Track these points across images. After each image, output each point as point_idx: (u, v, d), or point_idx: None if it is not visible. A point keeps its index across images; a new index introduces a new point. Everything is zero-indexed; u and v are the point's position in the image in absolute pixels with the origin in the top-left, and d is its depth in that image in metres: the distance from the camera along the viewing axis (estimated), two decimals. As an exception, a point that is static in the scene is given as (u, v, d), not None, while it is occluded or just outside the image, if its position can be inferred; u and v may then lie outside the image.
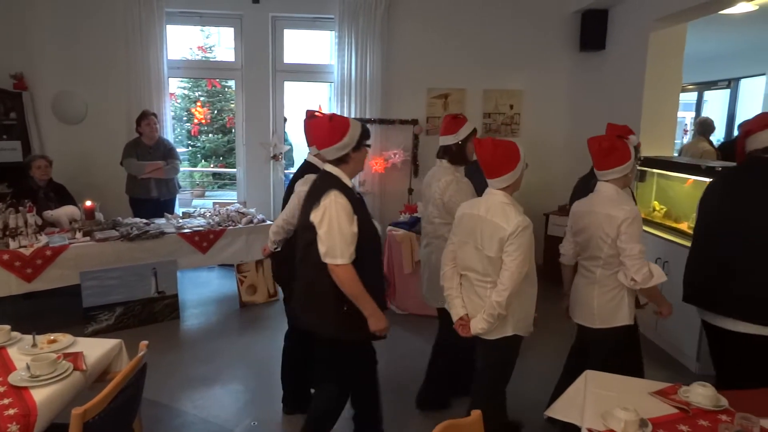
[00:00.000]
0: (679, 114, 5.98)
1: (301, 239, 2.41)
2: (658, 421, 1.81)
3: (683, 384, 2.06)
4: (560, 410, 2.20)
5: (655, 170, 4.52)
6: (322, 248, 2.24)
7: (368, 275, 2.30)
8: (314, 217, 2.24)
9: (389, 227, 4.89)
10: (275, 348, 4.08)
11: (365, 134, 2.37)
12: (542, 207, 5.71)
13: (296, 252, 2.46)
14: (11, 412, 1.77)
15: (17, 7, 5.43)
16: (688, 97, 9.73)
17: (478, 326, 2.35)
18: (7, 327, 2.35)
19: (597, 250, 2.50)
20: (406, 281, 4.68)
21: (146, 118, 5.02)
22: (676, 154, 6.03)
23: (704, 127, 5.99)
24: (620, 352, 2.61)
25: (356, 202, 2.32)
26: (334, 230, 2.21)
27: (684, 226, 4.10)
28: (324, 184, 2.31)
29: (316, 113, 2.58)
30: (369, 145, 2.42)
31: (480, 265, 2.35)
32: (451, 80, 5.91)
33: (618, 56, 5.38)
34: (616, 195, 2.51)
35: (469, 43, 5.84)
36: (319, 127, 2.31)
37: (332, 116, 2.32)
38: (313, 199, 2.30)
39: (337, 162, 2.32)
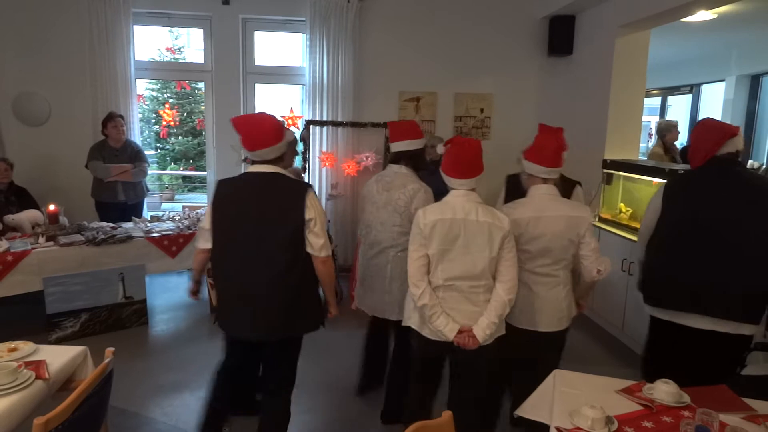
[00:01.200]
0: (644, 118, 6.15)
1: (260, 248, 2.34)
2: (624, 418, 1.86)
3: (647, 382, 2.12)
4: (530, 409, 2.23)
5: (621, 173, 4.64)
6: (318, 243, 2.36)
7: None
8: (308, 214, 2.32)
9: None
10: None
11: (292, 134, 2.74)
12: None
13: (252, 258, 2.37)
14: (-31, 423, 1.71)
15: (-24, 4, 5.26)
16: (653, 102, 10.04)
17: (486, 332, 2.27)
18: (-35, 336, 2.27)
19: (563, 253, 2.49)
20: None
21: (112, 120, 4.90)
22: (643, 157, 6.20)
23: (660, 131, 6.12)
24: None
25: None
26: (324, 225, 2.39)
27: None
28: (294, 183, 2.41)
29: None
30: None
31: (477, 269, 2.26)
32: (423, 84, 5.95)
33: (585, 61, 5.51)
34: (558, 194, 2.56)
35: (441, 47, 5.89)
36: (262, 128, 2.35)
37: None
38: (292, 197, 2.34)
39: (277, 161, 2.42)
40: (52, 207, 4.29)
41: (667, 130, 5.92)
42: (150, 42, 7.51)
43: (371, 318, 3.13)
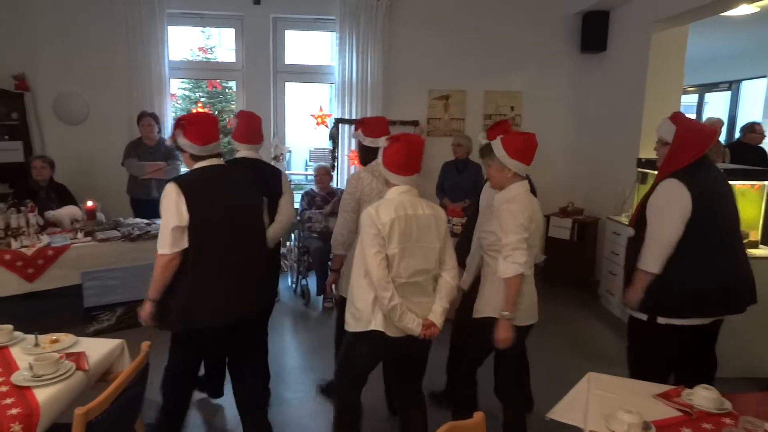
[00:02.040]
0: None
1: (247, 224, 2.59)
2: (662, 424, 1.81)
3: (686, 387, 2.06)
4: (562, 412, 2.20)
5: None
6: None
7: None
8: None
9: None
10: (279, 346, 4.10)
11: None
12: (542, 209, 5.69)
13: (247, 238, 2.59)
14: (14, 411, 1.77)
15: (19, 8, 5.44)
16: (689, 99, 9.74)
17: (441, 319, 2.36)
18: (10, 327, 2.35)
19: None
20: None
21: (143, 119, 5.01)
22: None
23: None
24: None
25: None
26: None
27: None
28: (243, 173, 2.71)
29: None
30: None
31: (431, 261, 2.34)
32: (452, 82, 5.91)
33: (619, 58, 5.39)
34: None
35: (471, 44, 5.84)
36: (213, 124, 2.57)
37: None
38: (251, 184, 2.65)
39: (219, 155, 2.61)
40: (89, 203, 4.42)
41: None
42: (183, 42, 7.64)
43: None
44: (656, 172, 3.02)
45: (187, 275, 2.37)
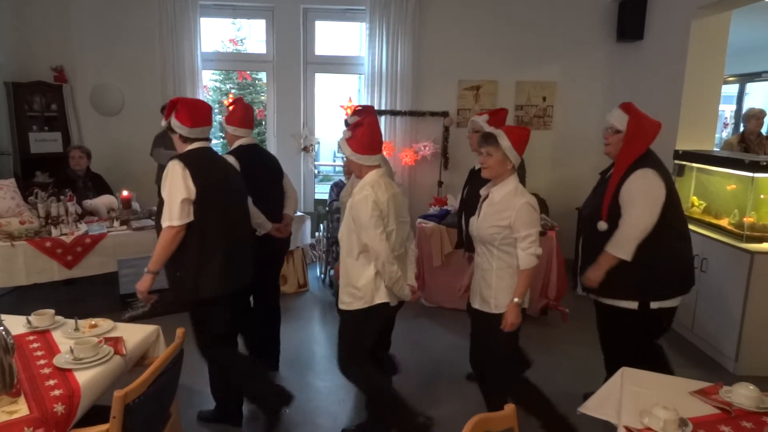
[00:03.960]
0: (719, 107, 5.78)
1: (240, 205, 2.80)
2: (699, 421, 1.76)
3: (724, 384, 2.00)
4: (594, 407, 2.16)
5: (694, 164, 4.39)
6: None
7: None
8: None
9: (419, 220, 4.87)
10: (306, 336, 4.15)
11: None
12: (574, 201, 5.60)
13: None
14: (57, 392, 1.83)
15: (59, 2, 5.57)
16: (729, 90, 9.40)
17: (415, 282, 2.70)
18: (51, 311, 2.43)
19: None
20: (435, 274, 4.67)
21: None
22: (716, 149, 5.84)
23: (745, 117, 5.73)
24: None
25: None
26: None
27: (724, 222, 3.97)
28: (225, 157, 2.92)
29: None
30: None
31: (406, 234, 2.67)
32: (483, 72, 5.83)
33: (657, 46, 5.23)
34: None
35: (502, 33, 5.75)
36: (206, 108, 2.70)
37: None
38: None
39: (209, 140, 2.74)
40: (125, 193, 4.53)
41: (753, 117, 5.54)
42: (214, 34, 7.75)
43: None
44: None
45: (191, 248, 2.51)
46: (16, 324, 2.35)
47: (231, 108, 3.29)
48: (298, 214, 5.17)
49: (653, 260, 2.62)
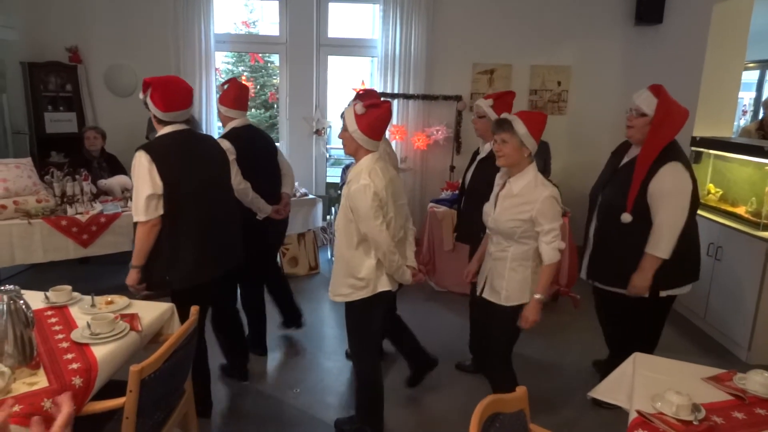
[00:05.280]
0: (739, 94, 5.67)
1: (221, 188, 2.71)
2: (712, 407, 1.76)
3: (738, 371, 2.00)
4: (605, 392, 2.17)
5: (712, 151, 4.33)
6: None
7: None
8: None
9: (430, 204, 4.86)
10: (317, 317, 4.18)
11: None
12: (588, 187, 5.54)
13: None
14: (75, 366, 1.87)
15: (72, -20, 5.57)
16: (750, 76, 9.20)
17: (414, 262, 2.62)
18: (69, 287, 2.47)
19: None
20: (446, 258, 4.67)
21: None
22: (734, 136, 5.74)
23: (765, 103, 5.63)
24: None
25: None
26: None
27: (741, 210, 3.92)
28: (210, 137, 2.89)
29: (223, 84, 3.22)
30: None
31: (404, 218, 2.59)
32: (497, 56, 5.76)
33: (676, 30, 5.12)
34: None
35: (517, 17, 5.66)
36: (186, 88, 2.60)
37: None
38: (217, 147, 2.77)
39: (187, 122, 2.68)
40: (139, 173, 4.55)
41: None
42: (227, 16, 7.70)
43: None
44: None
45: (161, 239, 2.45)
46: (34, 299, 2.37)
47: (225, 87, 3.20)
48: (310, 197, 5.19)
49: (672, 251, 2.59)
